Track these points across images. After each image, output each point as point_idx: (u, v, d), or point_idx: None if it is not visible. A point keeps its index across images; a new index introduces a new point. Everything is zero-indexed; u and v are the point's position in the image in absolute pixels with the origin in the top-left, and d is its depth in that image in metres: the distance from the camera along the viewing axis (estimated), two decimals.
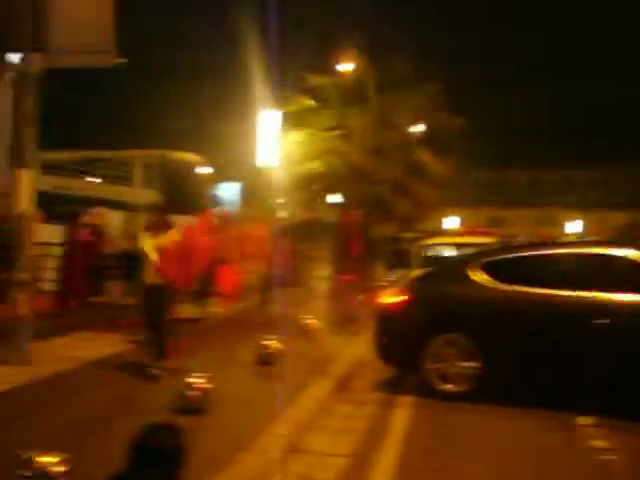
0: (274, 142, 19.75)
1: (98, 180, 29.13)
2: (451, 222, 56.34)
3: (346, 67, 23.34)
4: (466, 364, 7.95)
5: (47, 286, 13.49)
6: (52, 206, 19.78)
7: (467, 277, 8.30)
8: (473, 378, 7.91)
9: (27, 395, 7.19)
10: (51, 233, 14.69)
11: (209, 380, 6.65)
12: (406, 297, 8.55)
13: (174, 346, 8.22)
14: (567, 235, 53.41)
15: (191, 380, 6.56)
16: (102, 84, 31.31)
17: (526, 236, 34.36)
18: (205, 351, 9.22)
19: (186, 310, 10.68)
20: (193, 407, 6.39)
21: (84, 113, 30.77)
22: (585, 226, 60.55)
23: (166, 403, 6.50)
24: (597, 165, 62.98)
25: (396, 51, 22.71)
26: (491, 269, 8.27)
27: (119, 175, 28.84)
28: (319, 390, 7.97)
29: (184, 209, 12.78)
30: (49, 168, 26.50)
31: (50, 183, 22.49)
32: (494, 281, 8.11)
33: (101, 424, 6.20)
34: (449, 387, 8.05)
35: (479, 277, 8.22)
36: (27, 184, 8.27)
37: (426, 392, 8.13)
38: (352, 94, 23.56)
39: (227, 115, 26.37)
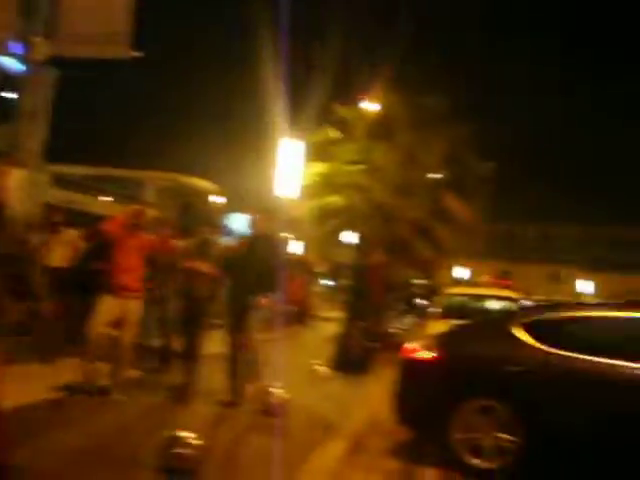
0: (295, 173, 18.85)
1: (109, 198, 28.36)
2: (462, 272, 54.87)
3: (374, 100, 22.56)
4: (502, 437, 6.83)
5: None
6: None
7: (508, 336, 7.22)
8: (509, 455, 6.78)
9: None
10: None
11: (200, 435, 5.60)
12: (436, 353, 7.44)
13: None
14: (579, 295, 52.13)
15: (180, 435, 5.50)
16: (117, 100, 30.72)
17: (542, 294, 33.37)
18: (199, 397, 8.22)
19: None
20: (181, 468, 5.31)
21: (99, 128, 30.24)
22: (597, 287, 58.85)
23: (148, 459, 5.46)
24: (611, 222, 61.55)
25: (430, 87, 21.86)
26: (536, 329, 7.18)
27: (131, 195, 28.03)
28: (328, 452, 6.91)
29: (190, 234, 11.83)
30: (63, 182, 25.63)
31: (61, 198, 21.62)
32: (539, 343, 7.02)
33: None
34: (479, 462, 6.91)
35: (522, 337, 7.14)
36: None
37: (452, 464, 6.99)
38: (379, 128, 22.69)
39: (248, 144, 25.73)
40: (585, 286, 58.43)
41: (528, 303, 18.51)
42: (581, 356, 6.76)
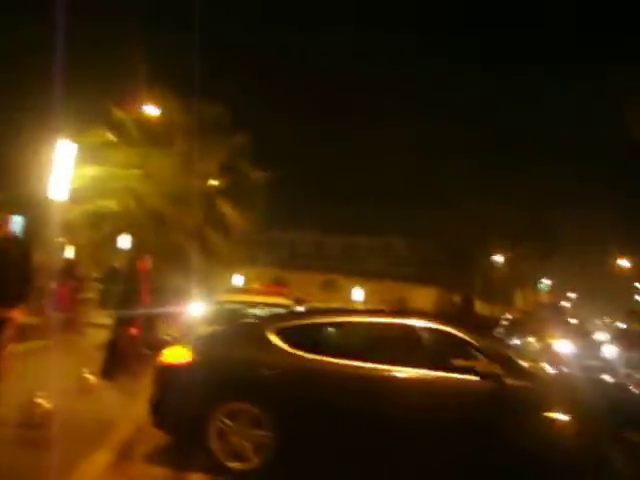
0: (65, 175, 18.18)
1: None
2: (236, 279, 55.10)
3: (153, 105, 22.25)
4: (257, 439, 7.17)
5: None
6: None
7: (261, 341, 7.60)
8: (265, 454, 7.12)
9: None
10: None
11: None
12: (190, 357, 7.60)
13: None
14: (354, 304, 54.26)
15: None
16: None
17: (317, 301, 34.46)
18: None
19: None
20: None
21: None
22: (367, 295, 61.61)
23: None
24: (382, 233, 65.10)
25: (209, 95, 21.97)
26: (288, 334, 7.63)
27: None
28: (95, 461, 6.87)
29: None
30: None
31: None
32: (290, 347, 7.46)
33: None
34: (239, 464, 7.18)
35: (274, 342, 7.54)
36: None
37: (214, 468, 7.21)
38: (157, 134, 22.47)
39: (15, 140, 24.47)
40: (356, 294, 60.91)
41: (300, 309, 19.14)
42: (327, 358, 7.31)
